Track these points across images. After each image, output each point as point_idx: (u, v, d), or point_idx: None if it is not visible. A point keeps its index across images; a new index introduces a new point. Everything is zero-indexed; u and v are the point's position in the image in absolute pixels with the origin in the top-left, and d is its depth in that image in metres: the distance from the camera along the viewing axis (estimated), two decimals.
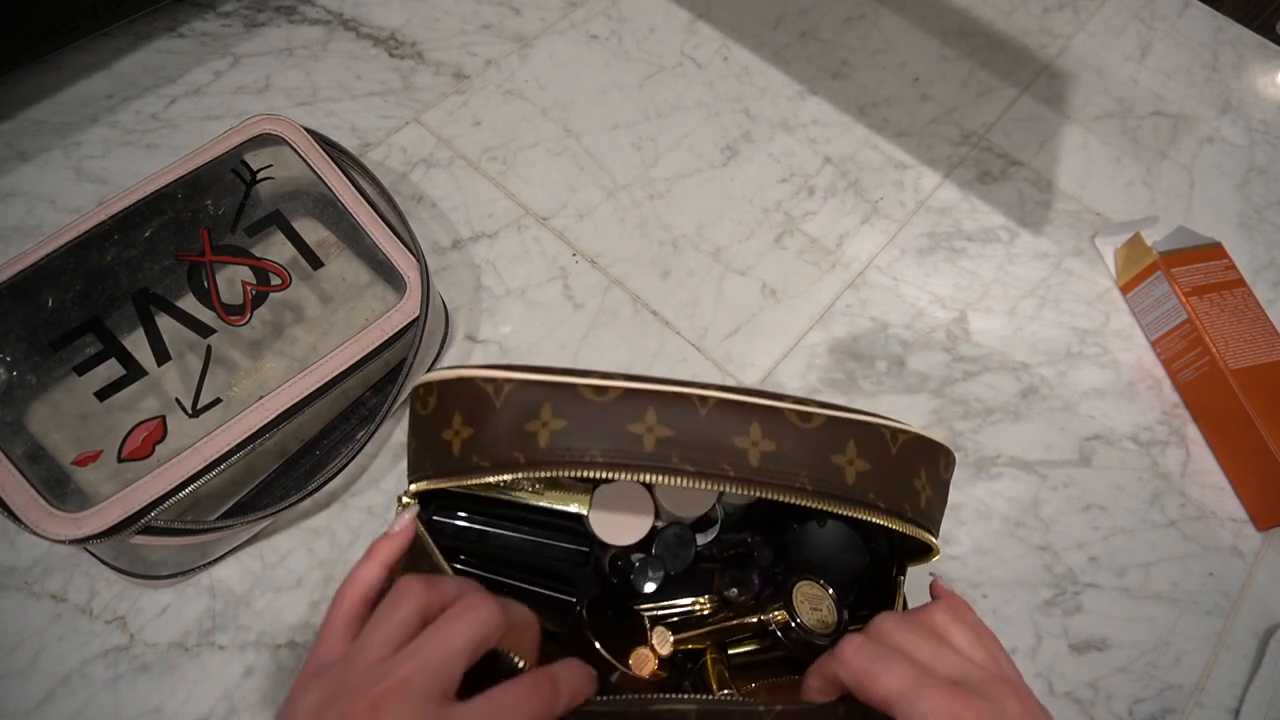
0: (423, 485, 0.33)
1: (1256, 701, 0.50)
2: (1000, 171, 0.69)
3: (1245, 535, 0.56)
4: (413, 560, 0.34)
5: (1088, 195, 0.69)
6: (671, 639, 0.35)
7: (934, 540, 0.34)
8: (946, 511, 0.55)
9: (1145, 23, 0.81)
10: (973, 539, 0.54)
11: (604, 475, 0.30)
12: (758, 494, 0.30)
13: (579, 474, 0.30)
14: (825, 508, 0.31)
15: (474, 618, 0.27)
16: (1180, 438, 0.59)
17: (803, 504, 0.31)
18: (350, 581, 0.30)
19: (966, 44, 0.76)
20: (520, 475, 0.31)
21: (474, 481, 0.32)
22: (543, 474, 0.30)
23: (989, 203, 0.68)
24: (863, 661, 0.29)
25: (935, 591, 0.34)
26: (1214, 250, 0.62)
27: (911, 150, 0.69)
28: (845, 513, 0.31)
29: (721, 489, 0.30)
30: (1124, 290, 0.65)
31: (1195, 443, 0.59)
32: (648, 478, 0.30)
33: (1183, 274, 0.60)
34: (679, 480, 0.30)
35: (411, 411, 0.35)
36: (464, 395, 0.32)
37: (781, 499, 0.30)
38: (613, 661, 0.32)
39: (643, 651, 0.34)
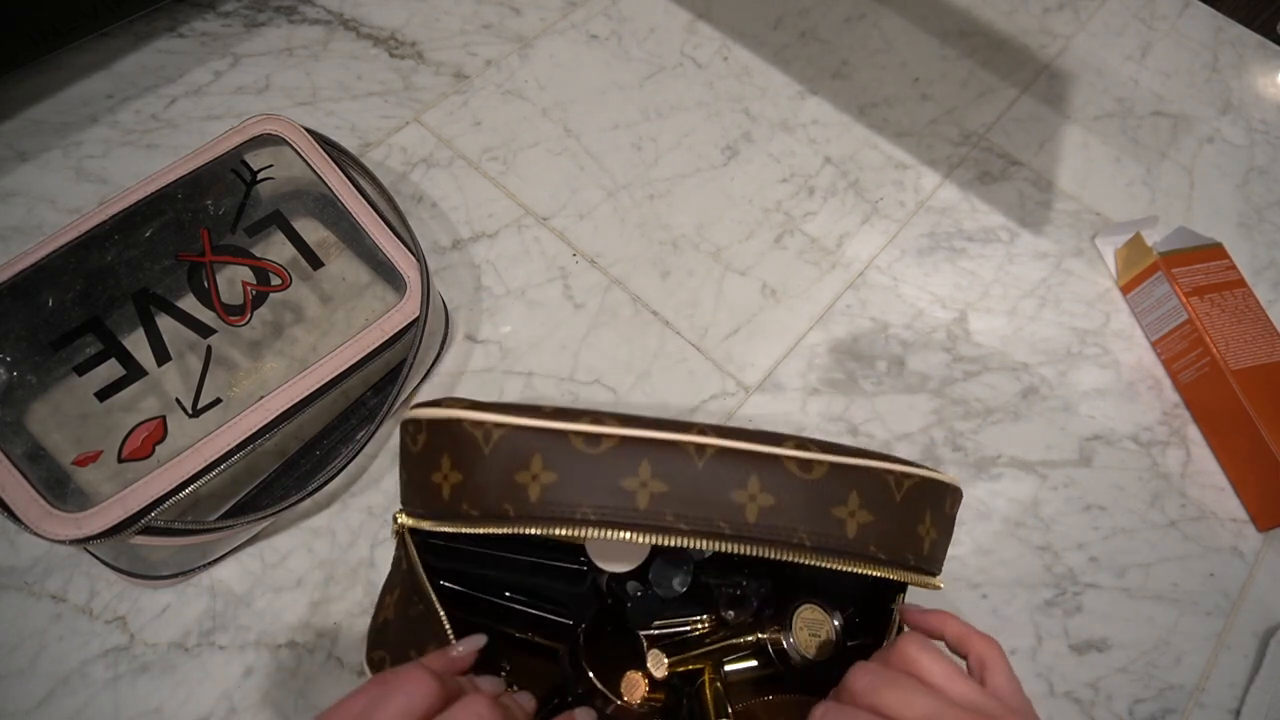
0: (413, 523, 0.32)
1: (1256, 702, 0.50)
2: (1000, 171, 0.69)
3: (1245, 536, 0.56)
4: (404, 588, 0.34)
5: (1088, 195, 0.69)
6: (666, 662, 0.34)
7: (934, 581, 0.34)
8: None
9: (1145, 23, 0.81)
10: (973, 539, 0.54)
11: (595, 534, 0.29)
12: (755, 552, 0.29)
13: (570, 531, 0.29)
14: (824, 564, 0.30)
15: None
16: (1180, 438, 0.59)
17: (802, 561, 0.30)
18: (398, 673, 0.29)
19: (966, 44, 0.76)
20: (509, 530, 0.30)
21: (464, 530, 0.31)
22: (533, 530, 0.29)
23: (989, 203, 0.68)
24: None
25: (904, 620, 0.33)
26: (1214, 250, 0.62)
27: (911, 150, 0.69)
28: (845, 569, 0.30)
29: (717, 547, 0.29)
30: (1124, 290, 0.65)
31: (1195, 443, 0.59)
32: (641, 538, 0.29)
33: (1183, 274, 0.60)
34: (673, 540, 0.29)
35: (402, 444, 0.34)
36: (452, 438, 0.31)
37: (779, 557, 0.29)
38: (608, 695, 0.32)
39: (633, 676, 0.33)
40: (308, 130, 0.52)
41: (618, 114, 0.67)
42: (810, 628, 0.35)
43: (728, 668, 0.37)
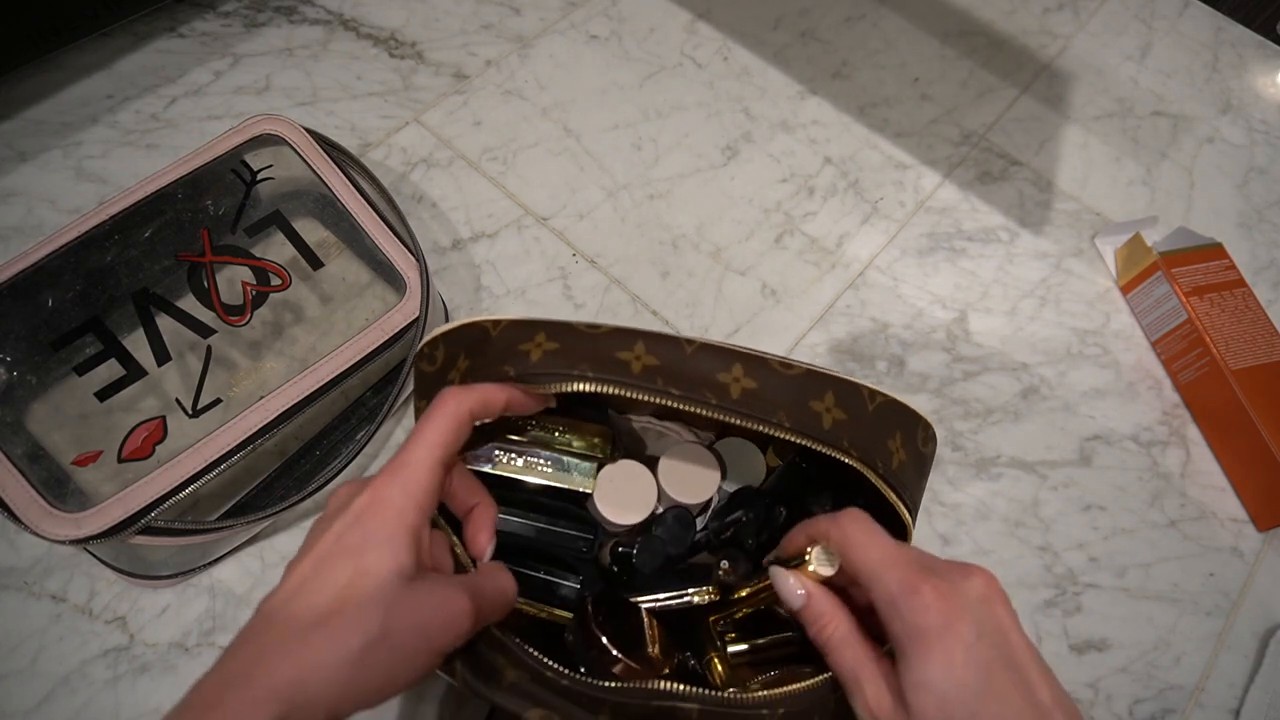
0: None
1: (1256, 702, 0.50)
2: (1000, 171, 0.69)
3: (1245, 535, 0.56)
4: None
5: (1088, 195, 0.69)
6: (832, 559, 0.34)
7: (903, 509, 0.34)
8: (946, 511, 0.55)
9: (1145, 23, 0.81)
10: (973, 539, 0.54)
11: (592, 389, 0.31)
12: (736, 422, 0.31)
13: (567, 388, 0.31)
14: (801, 443, 0.32)
15: (437, 412, 0.30)
16: (1180, 438, 0.59)
17: (780, 437, 0.32)
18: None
19: (966, 44, 0.76)
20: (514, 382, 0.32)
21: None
22: (532, 389, 0.32)
23: (989, 203, 0.68)
24: (857, 530, 0.30)
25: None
26: (1214, 250, 0.62)
27: (911, 150, 0.69)
28: (821, 450, 0.32)
29: (703, 414, 0.31)
30: (1124, 290, 0.65)
31: (1195, 443, 0.59)
32: (634, 395, 0.31)
33: (1183, 274, 0.60)
34: (663, 400, 0.31)
35: (418, 375, 0.36)
36: (465, 337, 0.33)
37: (759, 429, 0.31)
38: (616, 654, 0.32)
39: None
40: (308, 130, 0.52)
41: (618, 114, 0.67)
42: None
43: (731, 650, 0.37)
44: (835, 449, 0.32)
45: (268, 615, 0.26)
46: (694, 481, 0.39)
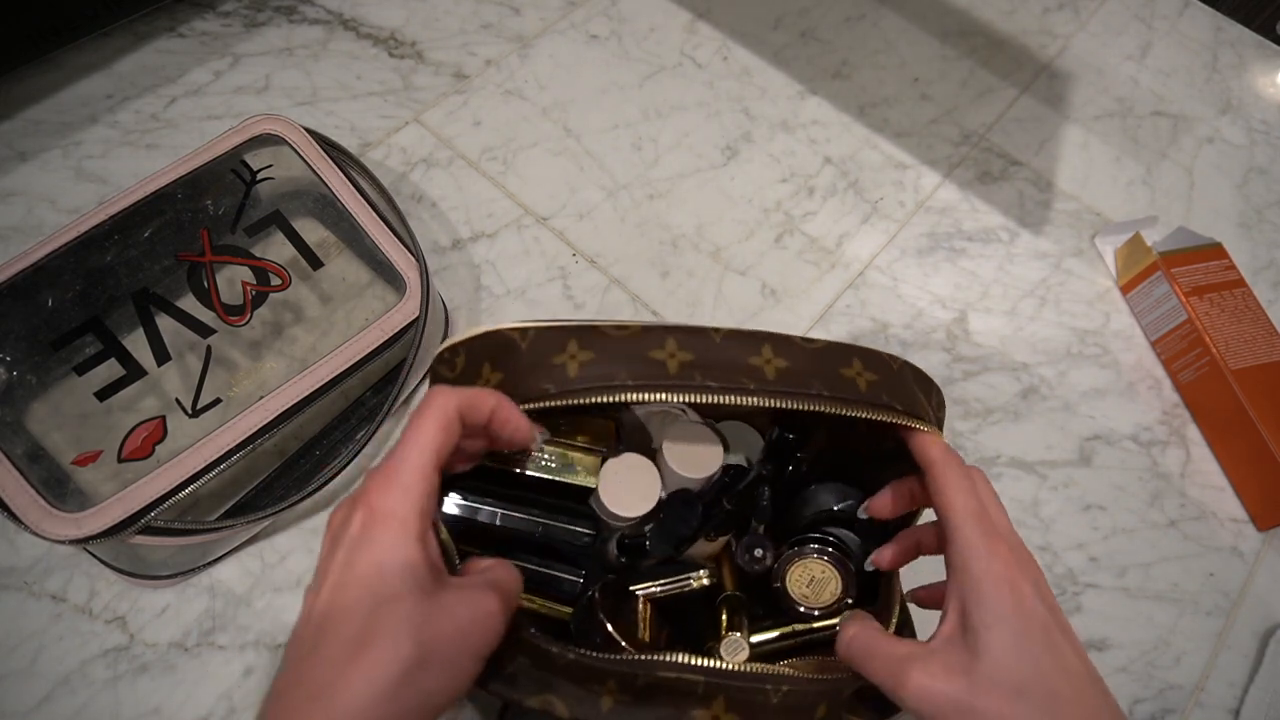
0: None
1: (1256, 701, 0.50)
2: (1000, 171, 0.69)
3: (1245, 535, 0.56)
4: None
5: (1088, 195, 0.69)
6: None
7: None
8: None
9: (1145, 23, 0.81)
10: None
11: (634, 398, 0.31)
12: (779, 404, 0.31)
13: (610, 398, 0.31)
14: (846, 412, 0.32)
15: (427, 412, 0.29)
16: (1180, 438, 0.59)
17: (824, 410, 0.32)
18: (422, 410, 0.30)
19: (966, 44, 0.76)
20: (554, 404, 0.31)
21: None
22: (576, 401, 0.31)
23: (989, 203, 0.68)
24: (943, 462, 0.31)
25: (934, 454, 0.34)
26: (1214, 250, 0.62)
27: (911, 150, 0.69)
28: (866, 415, 0.32)
29: (744, 402, 0.31)
30: (1124, 290, 0.65)
31: (1195, 443, 0.59)
32: (676, 397, 0.31)
33: (1183, 274, 0.60)
34: (707, 397, 0.31)
35: (438, 380, 0.35)
36: (491, 345, 0.33)
37: (802, 407, 0.32)
38: (623, 644, 0.33)
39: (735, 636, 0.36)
40: (307, 130, 0.52)
41: (618, 114, 0.67)
42: (806, 579, 0.36)
43: (754, 639, 0.37)
44: (879, 409, 0.32)
45: (296, 660, 0.25)
46: (698, 458, 0.39)
